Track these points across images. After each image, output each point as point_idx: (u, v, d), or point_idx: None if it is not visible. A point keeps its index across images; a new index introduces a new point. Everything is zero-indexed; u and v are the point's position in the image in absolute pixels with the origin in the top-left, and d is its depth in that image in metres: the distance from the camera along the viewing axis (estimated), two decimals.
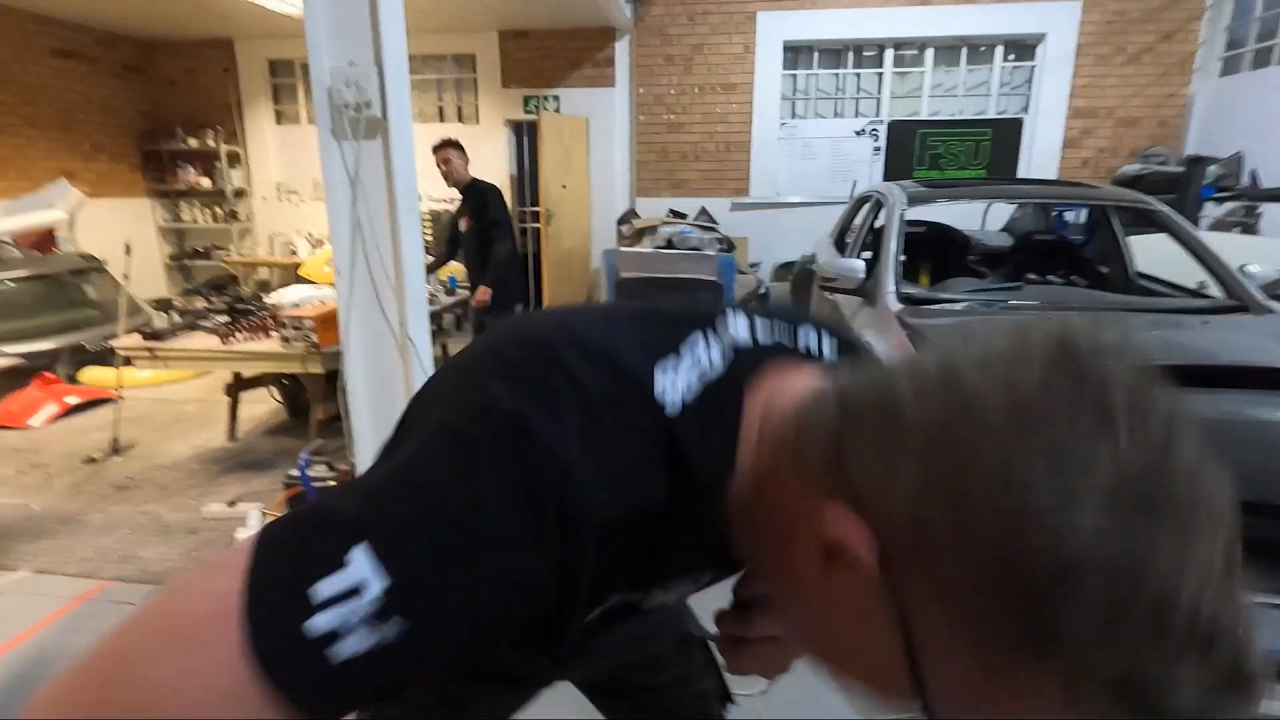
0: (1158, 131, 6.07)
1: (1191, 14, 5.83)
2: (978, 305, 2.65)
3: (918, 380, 0.37)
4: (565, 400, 0.41)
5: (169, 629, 0.36)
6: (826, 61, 6.48)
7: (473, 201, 4.16)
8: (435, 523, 0.37)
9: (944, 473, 0.33)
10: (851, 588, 0.37)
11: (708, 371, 0.46)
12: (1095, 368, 0.32)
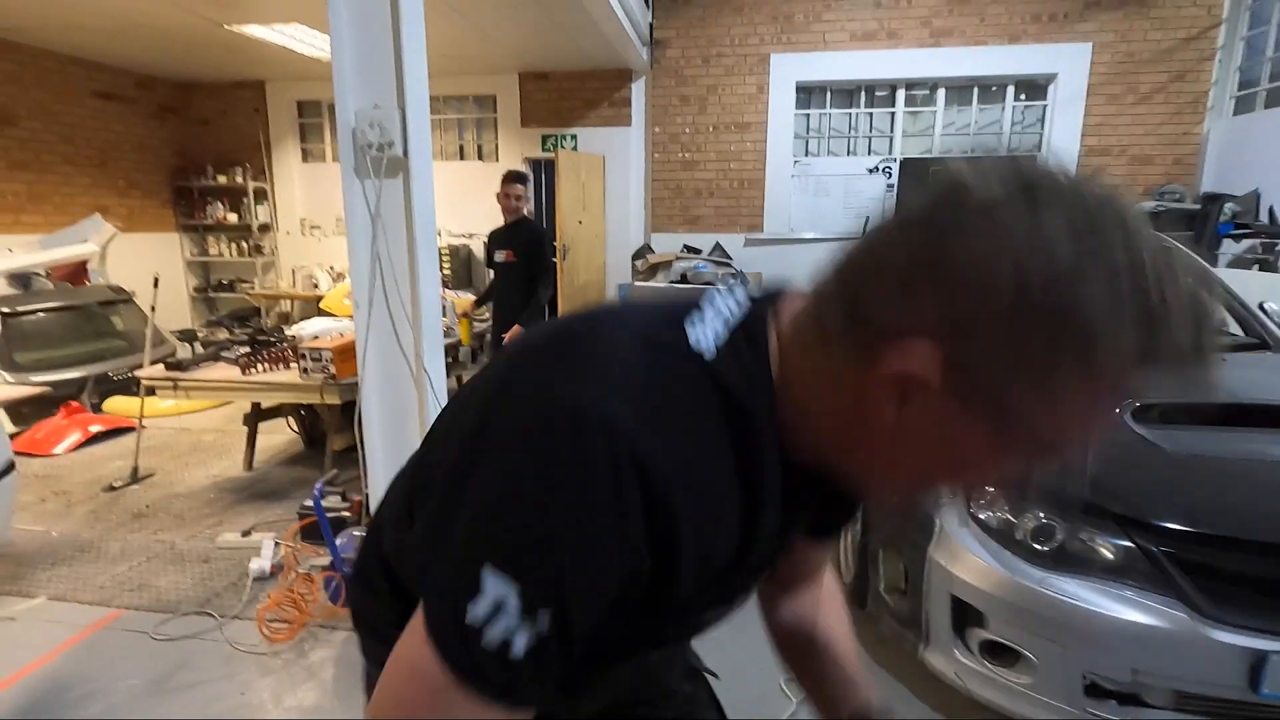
0: (1172, 169, 6.08)
1: (1203, 54, 5.88)
2: None
3: (904, 219, 0.45)
4: (611, 370, 0.45)
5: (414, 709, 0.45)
6: (839, 101, 6.59)
7: (523, 239, 4.13)
8: (527, 517, 0.42)
9: (962, 264, 0.40)
10: (927, 407, 0.43)
11: (731, 316, 0.51)
12: (1052, 179, 0.42)
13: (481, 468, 0.45)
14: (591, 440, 0.42)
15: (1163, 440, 1.81)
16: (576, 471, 0.42)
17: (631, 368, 0.46)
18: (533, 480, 0.42)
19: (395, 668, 0.46)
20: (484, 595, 0.42)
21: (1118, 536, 1.64)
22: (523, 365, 0.49)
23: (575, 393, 0.43)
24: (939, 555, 1.85)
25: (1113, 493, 1.68)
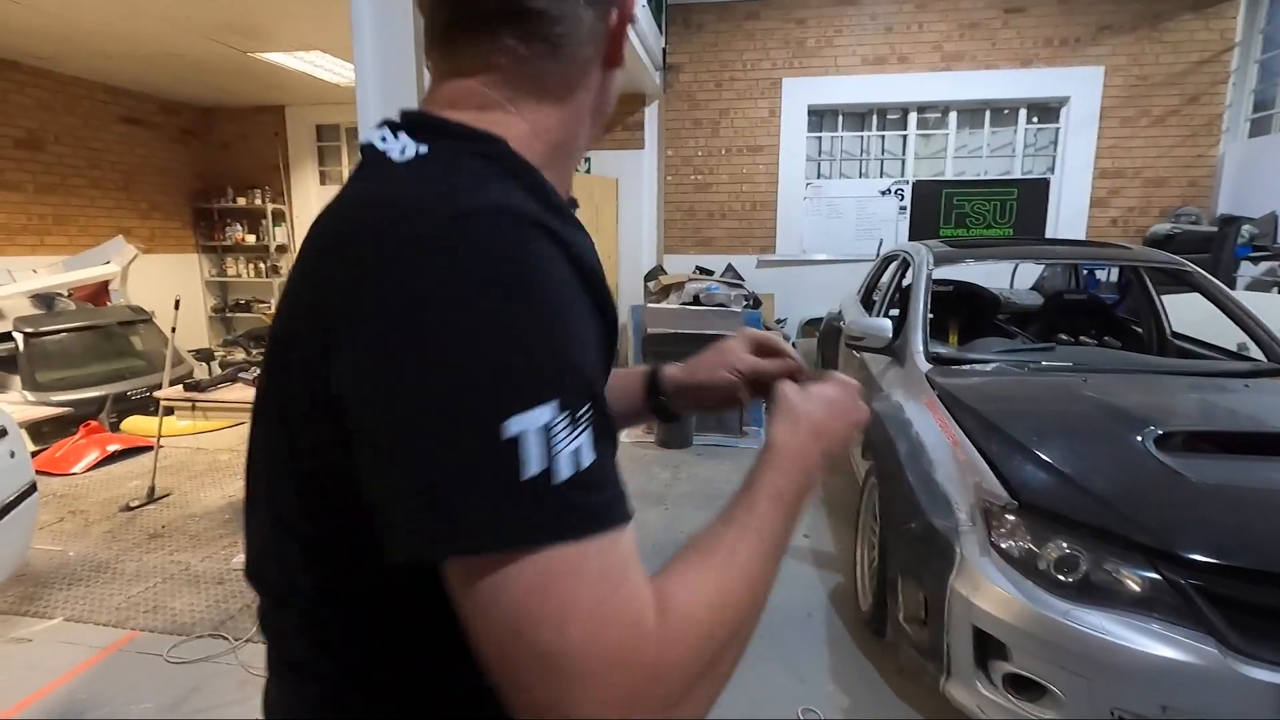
0: (1187, 191, 6.05)
1: (1216, 78, 5.88)
2: (1009, 366, 2.62)
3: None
4: (464, 180, 0.46)
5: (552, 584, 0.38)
6: (851, 124, 6.63)
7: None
8: (519, 330, 0.39)
9: None
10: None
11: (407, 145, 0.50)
12: None
13: (434, 324, 0.38)
14: (520, 227, 0.42)
15: (1187, 469, 1.78)
16: (531, 259, 0.41)
17: (468, 175, 0.46)
18: (507, 288, 0.39)
19: (494, 619, 0.38)
20: (526, 443, 0.37)
21: (1144, 568, 1.61)
22: (382, 225, 0.43)
23: (472, 200, 0.42)
24: (960, 585, 1.82)
25: (1138, 523, 1.65)
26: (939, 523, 1.96)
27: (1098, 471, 1.83)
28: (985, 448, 2.01)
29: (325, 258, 0.46)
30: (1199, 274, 3.02)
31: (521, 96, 0.52)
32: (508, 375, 0.38)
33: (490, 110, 0.51)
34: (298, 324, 0.47)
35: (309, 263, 0.48)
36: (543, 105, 0.53)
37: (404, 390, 0.38)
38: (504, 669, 0.38)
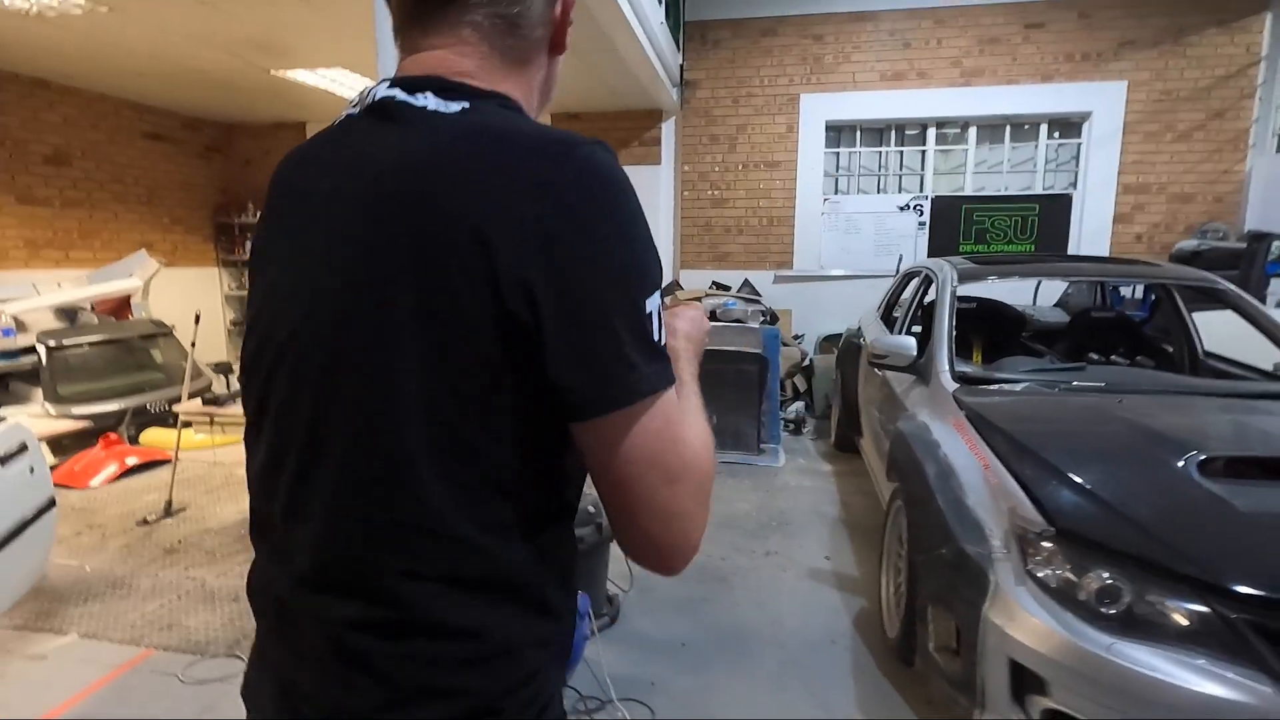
0: (1213, 207, 5.95)
1: (1243, 92, 5.79)
2: (1039, 386, 2.56)
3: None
4: (587, 140, 0.60)
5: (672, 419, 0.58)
6: (869, 140, 6.60)
7: None
8: (648, 243, 0.58)
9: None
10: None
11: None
12: None
13: (617, 213, 0.56)
14: (622, 171, 0.58)
15: (1234, 496, 1.71)
16: (633, 192, 0.58)
17: (533, 121, 0.64)
18: (637, 214, 0.57)
19: (646, 442, 0.55)
20: (655, 318, 0.56)
21: (1192, 601, 1.54)
22: (549, 157, 0.56)
23: (602, 155, 0.58)
24: (995, 615, 1.76)
25: (1185, 553, 1.58)
26: (971, 549, 1.89)
27: (1139, 498, 1.77)
28: (1018, 471, 1.95)
29: (461, 185, 0.54)
30: (1233, 291, 2.94)
31: (489, 67, 0.62)
32: (649, 268, 0.57)
33: (467, 77, 0.61)
34: (435, 252, 0.53)
35: (409, 197, 0.55)
36: (505, 75, 0.63)
37: (608, 273, 0.54)
38: (641, 487, 0.55)
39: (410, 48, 0.63)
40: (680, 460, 0.55)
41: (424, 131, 0.57)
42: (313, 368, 0.58)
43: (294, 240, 0.63)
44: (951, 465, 2.18)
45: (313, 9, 4.06)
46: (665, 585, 2.93)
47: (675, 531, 0.57)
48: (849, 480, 4.30)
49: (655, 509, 0.56)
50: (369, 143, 0.59)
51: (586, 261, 0.53)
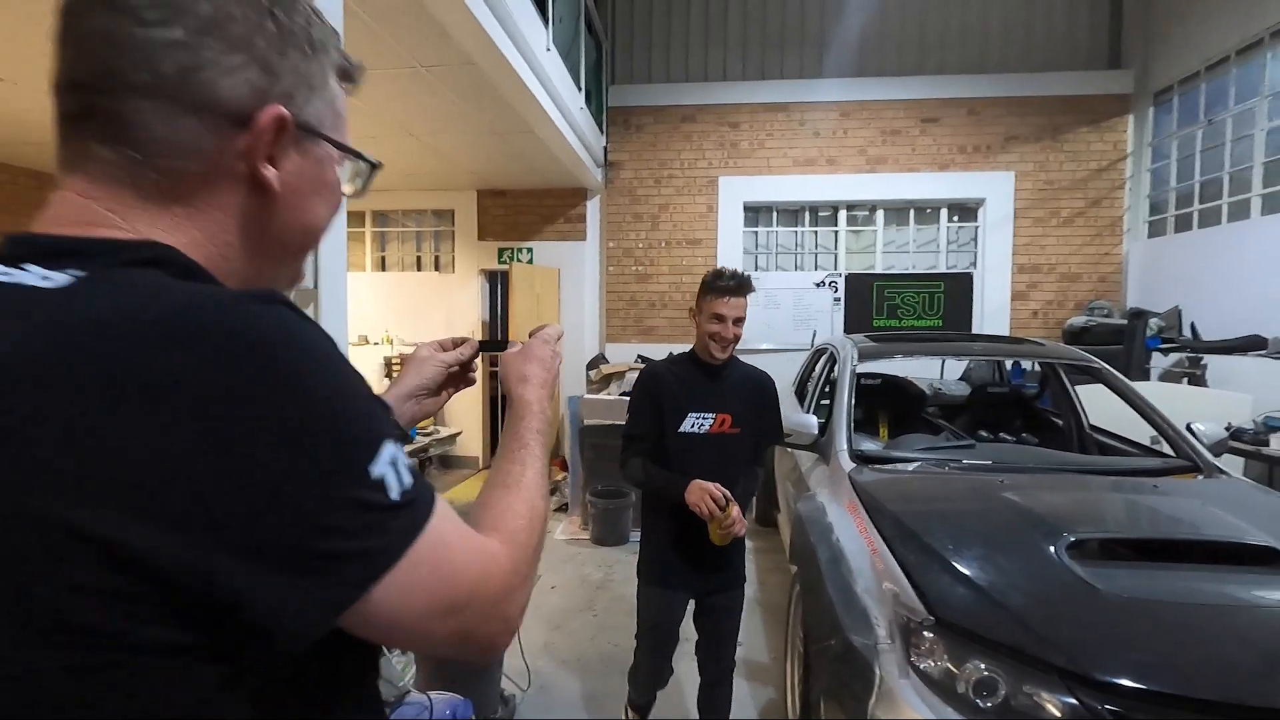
0: (1099, 286, 6.42)
1: (1114, 184, 6.37)
2: (930, 465, 2.61)
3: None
4: (219, 295, 0.49)
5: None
6: (785, 220, 6.91)
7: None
8: (343, 404, 0.46)
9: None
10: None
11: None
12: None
13: (271, 408, 0.42)
14: (304, 323, 0.47)
15: (1099, 580, 1.74)
16: (321, 346, 0.47)
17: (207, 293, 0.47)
18: (313, 379, 0.45)
19: (430, 623, 0.50)
20: (384, 476, 0.47)
21: (1062, 693, 1.53)
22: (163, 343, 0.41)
23: (254, 308, 0.44)
24: (881, 711, 1.71)
25: (1053, 642, 1.58)
26: (858, 640, 1.86)
27: (1014, 584, 1.78)
28: (903, 557, 1.95)
29: (65, 397, 0.39)
30: (1107, 369, 3.11)
31: (125, 206, 0.49)
32: (359, 435, 0.49)
33: (113, 224, 0.49)
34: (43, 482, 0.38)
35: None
36: (154, 217, 0.50)
37: (306, 473, 0.44)
38: (436, 635, 0.51)
39: (56, 189, 0.51)
40: (466, 597, 0.52)
41: (21, 318, 0.41)
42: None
43: None
44: (842, 550, 2.17)
45: None
46: (566, 681, 2.77)
47: (472, 649, 0.55)
48: (768, 557, 4.25)
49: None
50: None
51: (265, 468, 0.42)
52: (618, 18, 6.89)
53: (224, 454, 0.40)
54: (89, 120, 0.48)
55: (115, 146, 0.48)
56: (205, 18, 0.48)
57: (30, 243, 0.47)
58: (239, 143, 0.50)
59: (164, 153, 0.49)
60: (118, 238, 0.48)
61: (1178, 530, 2.03)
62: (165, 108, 0.48)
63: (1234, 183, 5.39)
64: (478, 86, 4.01)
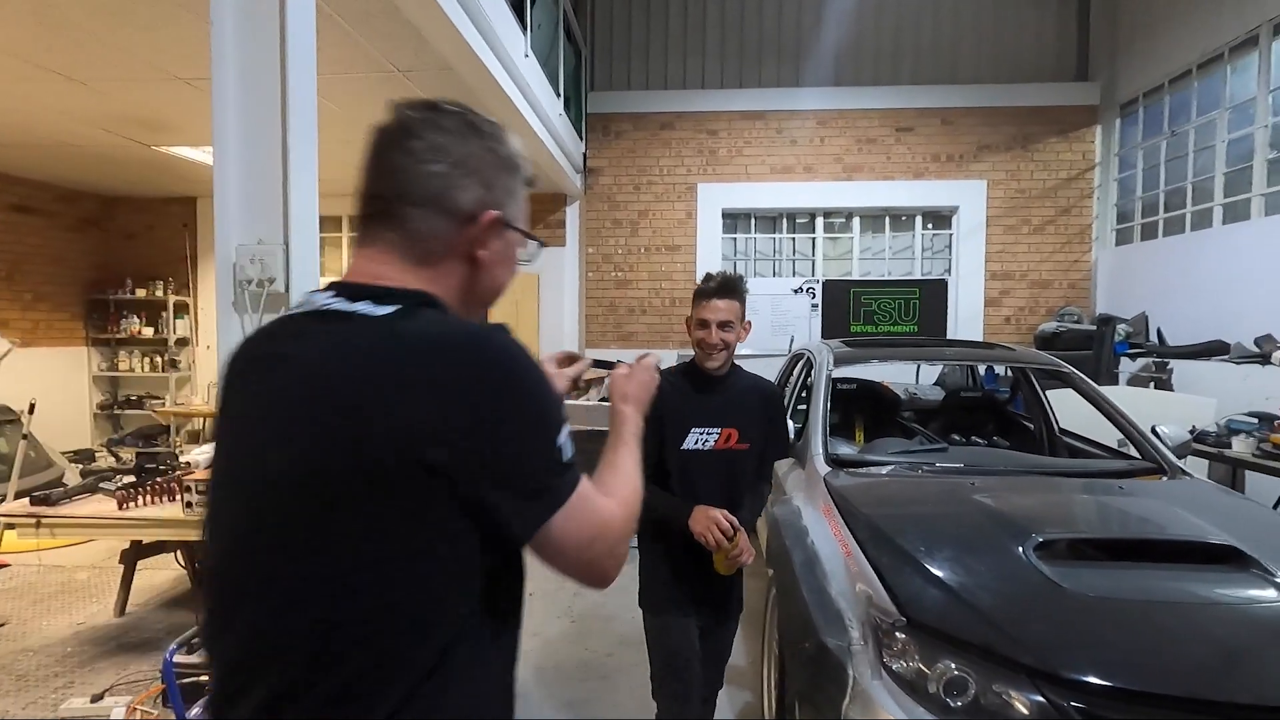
0: (1069, 293, 6.55)
1: (1084, 192, 6.52)
2: (903, 468, 2.64)
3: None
4: (483, 327, 0.76)
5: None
6: (763, 226, 6.97)
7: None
8: (547, 398, 0.75)
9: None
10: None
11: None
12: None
13: (515, 396, 0.71)
14: (521, 345, 0.74)
15: (1066, 579, 1.77)
16: (532, 360, 0.74)
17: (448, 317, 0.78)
18: (534, 383, 0.74)
19: (579, 554, 0.76)
20: (564, 447, 0.73)
21: (1030, 691, 1.56)
22: (458, 351, 0.71)
23: (479, 337, 0.72)
24: (854, 712, 1.72)
25: (1021, 642, 1.61)
26: (832, 642, 1.87)
27: (983, 585, 1.80)
28: (875, 558, 1.96)
29: (398, 387, 0.67)
30: (1075, 375, 3.18)
31: (401, 269, 0.77)
32: (553, 419, 0.75)
33: (394, 279, 0.76)
34: (378, 432, 0.65)
35: (349, 393, 0.67)
36: (417, 275, 0.77)
37: (519, 444, 0.71)
38: (577, 560, 0.76)
39: (356, 250, 0.81)
40: (599, 536, 0.78)
41: (358, 336, 0.71)
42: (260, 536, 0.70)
43: (239, 431, 0.76)
44: (817, 553, 2.18)
45: (195, 89, 3.98)
46: (545, 687, 2.75)
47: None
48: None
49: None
50: (307, 346, 0.72)
51: (520, 424, 0.72)
52: (597, 25, 6.92)
53: (495, 425, 0.68)
54: (382, 217, 0.77)
55: (395, 232, 0.77)
56: (457, 157, 0.78)
57: (358, 287, 0.75)
58: (468, 233, 0.78)
59: (423, 237, 0.77)
60: (407, 287, 0.75)
61: (1142, 530, 2.08)
62: (428, 212, 0.77)
63: (1196, 192, 5.54)
64: (455, 91, 4.00)
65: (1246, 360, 4.47)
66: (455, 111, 0.81)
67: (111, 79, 3.85)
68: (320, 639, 0.65)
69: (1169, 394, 4.81)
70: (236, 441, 0.75)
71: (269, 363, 0.74)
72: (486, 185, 0.79)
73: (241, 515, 0.71)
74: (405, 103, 0.81)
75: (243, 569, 0.70)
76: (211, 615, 0.73)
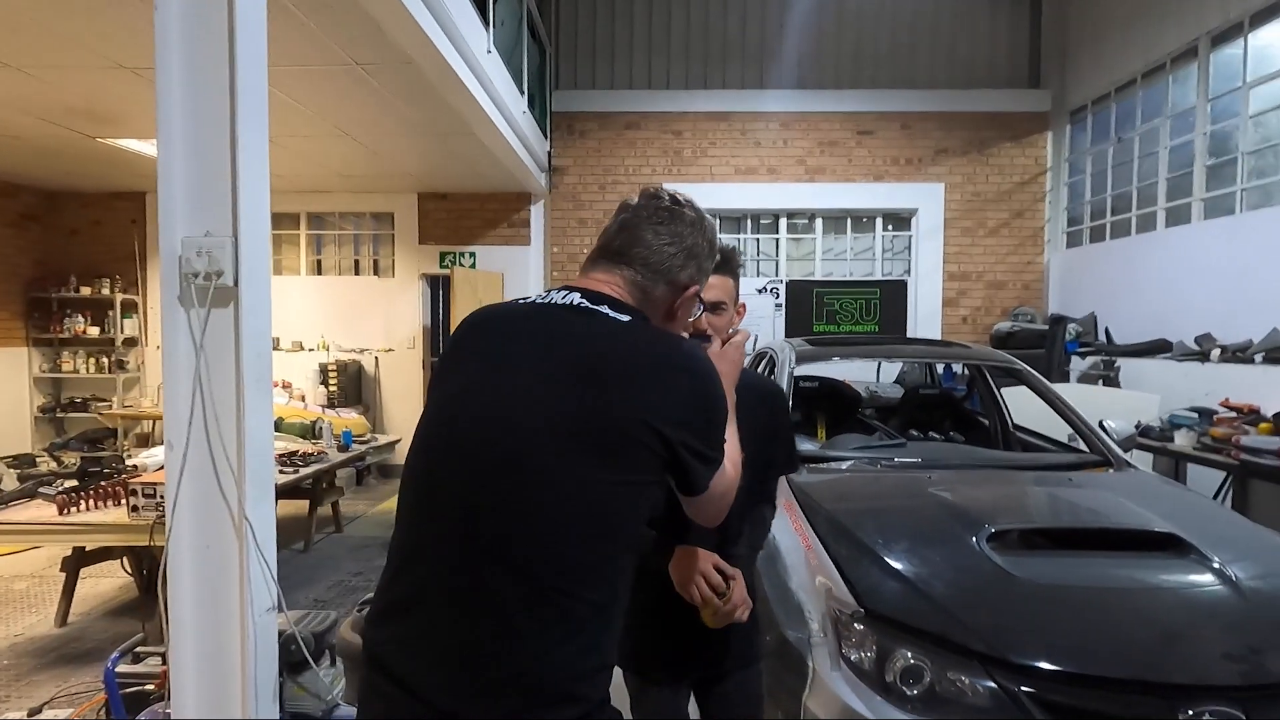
0: (1023, 293, 6.74)
1: (1036, 196, 6.72)
2: (863, 463, 2.68)
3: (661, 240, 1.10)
4: (676, 339, 1.10)
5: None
6: (728, 227, 7.02)
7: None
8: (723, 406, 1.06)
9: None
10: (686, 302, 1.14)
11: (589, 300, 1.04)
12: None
13: (710, 398, 1.00)
14: (707, 358, 1.07)
15: (1015, 568, 1.82)
16: (718, 378, 1.02)
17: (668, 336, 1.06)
18: (720, 391, 1.02)
19: (720, 501, 1.06)
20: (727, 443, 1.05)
21: (982, 677, 1.59)
22: (679, 358, 0.99)
23: (692, 352, 1.01)
24: (814, 704, 1.74)
25: (974, 630, 1.64)
26: (792, 635, 1.89)
27: (938, 575, 1.84)
28: (835, 552, 1.99)
29: (638, 375, 0.94)
30: (1027, 371, 3.27)
31: (630, 298, 1.04)
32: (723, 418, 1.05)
33: (628, 299, 1.04)
34: (613, 404, 0.90)
35: (599, 370, 0.93)
36: (639, 306, 1.04)
37: (710, 431, 1.00)
38: (715, 506, 1.06)
39: (587, 272, 1.08)
40: (730, 489, 1.08)
41: (607, 329, 0.97)
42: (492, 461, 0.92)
43: (492, 363, 0.98)
44: (779, 548, 2.20)
45: (142, 79, 3.85)
46: None
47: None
48: None
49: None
50: (568, 324, 0.98)
51: (711, 422, 1.02)
52: (562, 23, 6.90)
53: (695, 411, 0.97)
54: (624, 260, 1.05)
55: (632, 273, 1.05)
56: (688, 247, 1.07)
57: (601, 295, 1.01)
58: (677, 296, 1.08)
59: (649, 290, 1.05)
60: (629, 304, 1.03)
61: (1090, 520, 2.14)
62: (659, 277, 1.05)
63: (1141, 197, 5.76)
64: (416, 86, 3.94)
65: (1188, 358, 4.66)
66: (688, 207, 1.10)
67: (53, 66, 3.70)
68: (557, 552, 0.88)
69: (1116, 391, 4.98)
70: (483, 375, 0.97)
71: (529, 327, 0.99)
72: (699, 268, 1.10)
73: (484, 447, 0.91)
74: (655, 191, 1.10)
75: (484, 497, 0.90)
76: (417, 527, 0.95)
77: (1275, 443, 3.46)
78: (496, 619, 0.86)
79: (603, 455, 0.88)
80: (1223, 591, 1.74)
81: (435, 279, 6.91)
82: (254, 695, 1.71)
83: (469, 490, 0.90)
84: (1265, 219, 4.50)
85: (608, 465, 0.88)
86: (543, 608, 0.86)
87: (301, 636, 1.91)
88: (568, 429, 0.88)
